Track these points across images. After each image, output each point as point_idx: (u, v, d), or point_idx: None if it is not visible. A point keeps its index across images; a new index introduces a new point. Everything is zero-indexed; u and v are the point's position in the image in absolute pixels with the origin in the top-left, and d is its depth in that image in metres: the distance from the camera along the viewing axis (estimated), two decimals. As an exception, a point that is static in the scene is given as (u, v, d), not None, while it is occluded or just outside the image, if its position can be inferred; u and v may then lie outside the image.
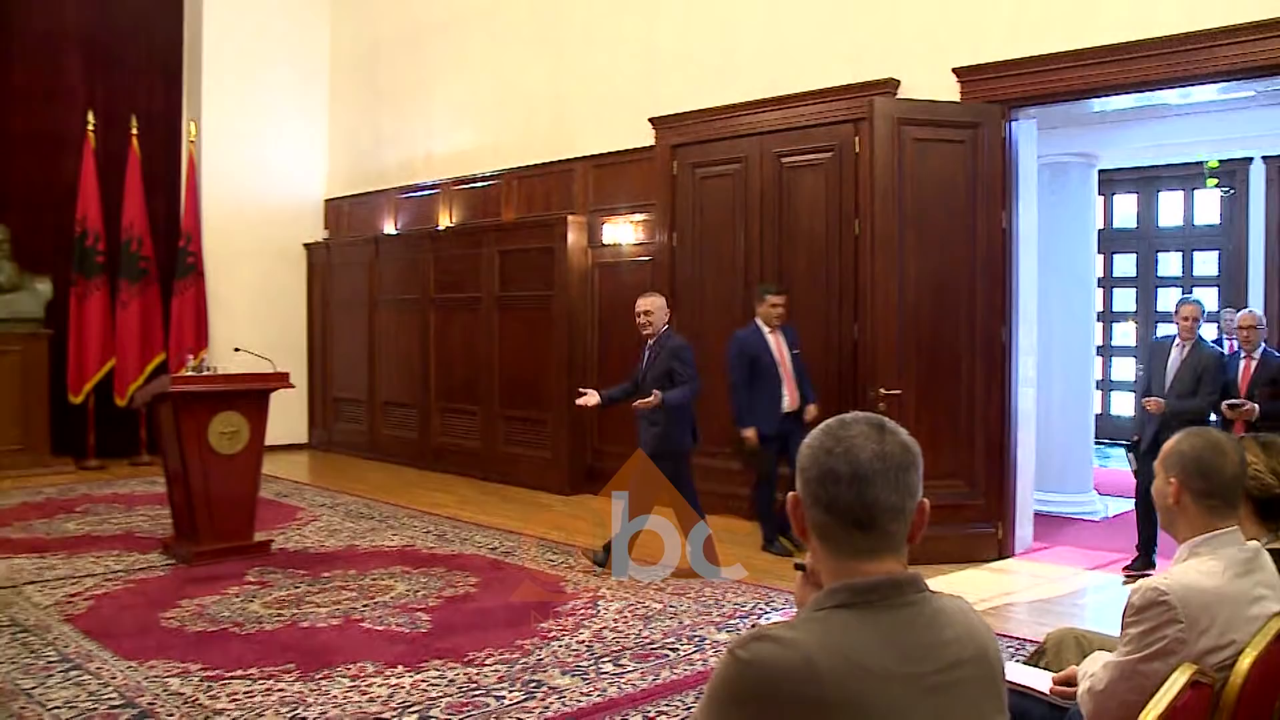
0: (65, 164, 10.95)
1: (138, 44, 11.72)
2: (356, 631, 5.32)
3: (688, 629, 5.39)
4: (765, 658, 1.55)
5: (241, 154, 12.17)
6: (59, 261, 10.84)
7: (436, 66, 11.33)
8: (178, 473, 6.87)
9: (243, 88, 12.13)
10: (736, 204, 8.41)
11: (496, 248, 10.20)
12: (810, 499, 1.69)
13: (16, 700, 4.31)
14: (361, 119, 12.42)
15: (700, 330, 8.61)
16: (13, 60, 10.89)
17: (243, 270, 12.12)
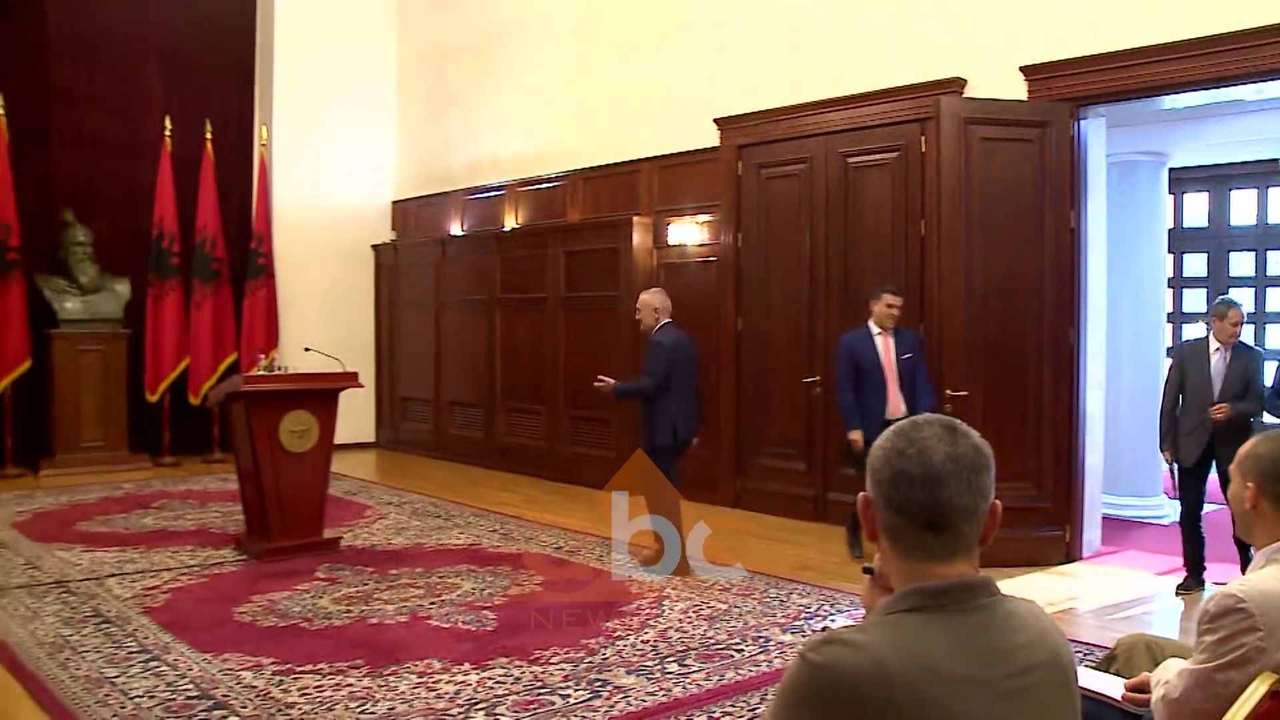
0: (144, 169, 11.18)
1: (213, 52, 11.93)
2: (424, 628, 5.37)
3: (752, 630, 5.37)
4: (836, 661, 1.54)
5: (311, 157, 12.35)
6: (137, 263, 11.07)
7: (503, 69, 11.40)
8: (249, 470, 6.98)
9: (313, 92, 12.31)
10: (802, 204, 8.37)
11: (562, 248, 10.24)
12: (882, 501, 1.68)
13: (101, 688, 4.41)
14: (429, 122, 12.53)
15: (766, 331, 8.59)
16: (97, 69, 11.15)
17: (312, 271, 12.30)
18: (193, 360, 11.22)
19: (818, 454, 8.28)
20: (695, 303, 9.17)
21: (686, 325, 9.18)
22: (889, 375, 6.91)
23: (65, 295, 10.55)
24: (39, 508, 8.60)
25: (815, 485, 8.29)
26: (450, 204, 12.08)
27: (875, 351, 6.92)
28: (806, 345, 8.34)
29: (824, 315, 8.22)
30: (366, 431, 12.68)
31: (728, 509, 8.75)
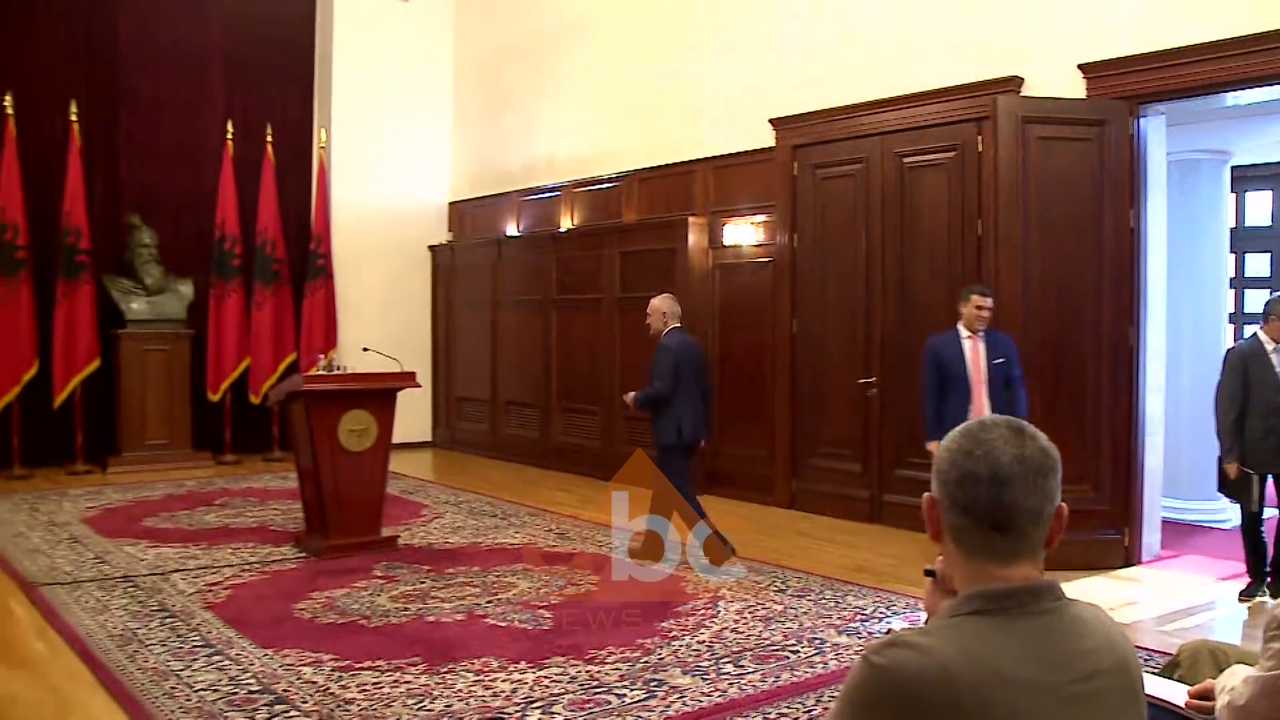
0: (207, 172, 11.35)
1: (273, 57, 12.12)
2: (480, 627, 5.40)
3: (808, 631, 5.35)
4: (900, 664, 1.53)
5: (369, 159, 12.47)
6: (200, 265, 11.25)
7: (558, 71, 11.44)
8: (309, 469, 7.05)
9: (371, 95, 12.43)
10: (857, 204, 8.33)
11: (618, 249, 10.26)
12: (948, 502, 1.66)
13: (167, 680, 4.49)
14: (485, 123, 12.60)
15: (821, 332, 8.55)
16: (163, 77, 11.36)
17: (370, 272, 12.41)
18: (253, 360, 11.38)
19: (873, 455, 8.23)
20: (750, 304, 9.16)
21: (741, 326, 9.22)
22: (976, 381, 6.52)
23: (131, 296, 10.75)
24: (107, 503, 8.77)
25: (871, 486, 8.24)
26: (506, 205, 12.14)
27: (962, 356, 6.54)
28: (862, 346, 8.29)
29: (880, 316, 8.17)
30: (423, 431, 12.78)
31: (783, 510, 8.72)
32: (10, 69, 10.41)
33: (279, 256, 11.53)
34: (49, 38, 10.73)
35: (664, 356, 6.87)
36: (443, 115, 13.10)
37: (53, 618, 5.53)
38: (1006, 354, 6.54)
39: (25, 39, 10.61)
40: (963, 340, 6.57)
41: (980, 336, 6.56)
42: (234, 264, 11.25)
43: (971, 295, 6.56)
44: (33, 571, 6.49)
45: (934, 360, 6.61)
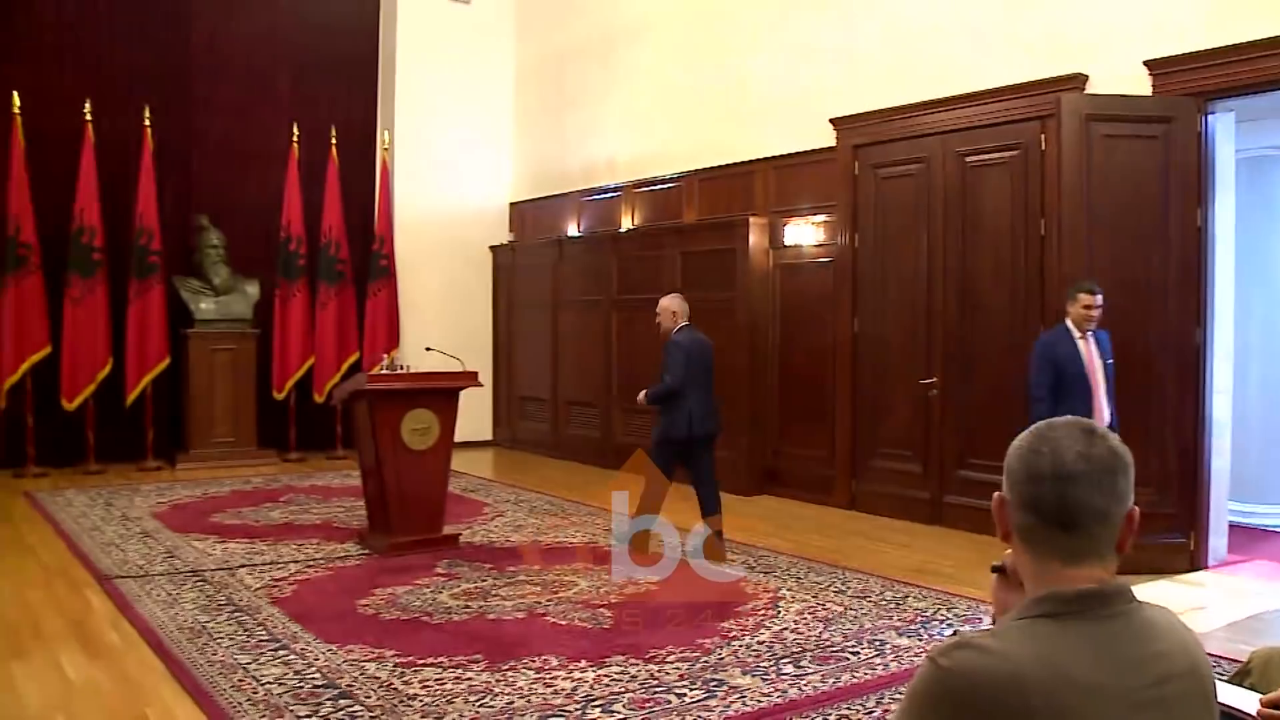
0: (273, 174, 11.53)
1: (338, 61, 12.29)
2: (541, 625, 5.43)
3: (868, 632, 5.32)
4: (967, 666, 1.51)
5: (431, 160, 12.59)
6: (265, 265, 11.42)
7: (619, 72, 11.47)
8: (372, 467, 7.12)
9: (433, 98, 12.56)
10: (919, 204, 8.26)
11: (678, 249, 10.26)
12: (1015, 500, 1.65)
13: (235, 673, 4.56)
14: (546, 124, 12.66)
15: (882, 332, 8.50)
16: (231, 81, 11.59)
17: (432, 272, 12.53)
18: (317, 359, 11.54)
19: (934, 456, 8.16)
20: (811, 304, 9.13)
21: (802, 326, 9.20)
22: (1095, 382, 6.24)
23: (200, 296, 10.96)
24: (176, 499, 8.94)
25: (931, 488, 8.17)
26: (567, 205, 12.20)
27: (1078, 354, 6.25)
28: (923, 346, 8.22)
29: (941, 316, 8.11)
30: (484, 430, 12.87)
31: (843, 510, 8.68)
32: (89, 77, 10.71)
33: (343, 257, 11.68)
34: (126, 46, 10.99)
35: (676, 352, 7.00)
36: (504, 117, 13.19)
37: (126, 609, 5.65)
38: (1111, 354, 6.33)
39: (104, 48, 10.89)
40: (1075, 340, 6.27)
41: (1090, 337, 6.30)
42: (299, 264, 11.41)
43: (1079, 294, 6.27)
44: (107, 564, 6.63)
45: (1049, 359, 6.27)
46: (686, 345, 7.02)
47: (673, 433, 7.00)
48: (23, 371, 10.03)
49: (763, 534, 7.75)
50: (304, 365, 11.47)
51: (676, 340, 7.07)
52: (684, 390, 6.92)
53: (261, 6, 11.83)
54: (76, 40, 10.77)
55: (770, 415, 9.52)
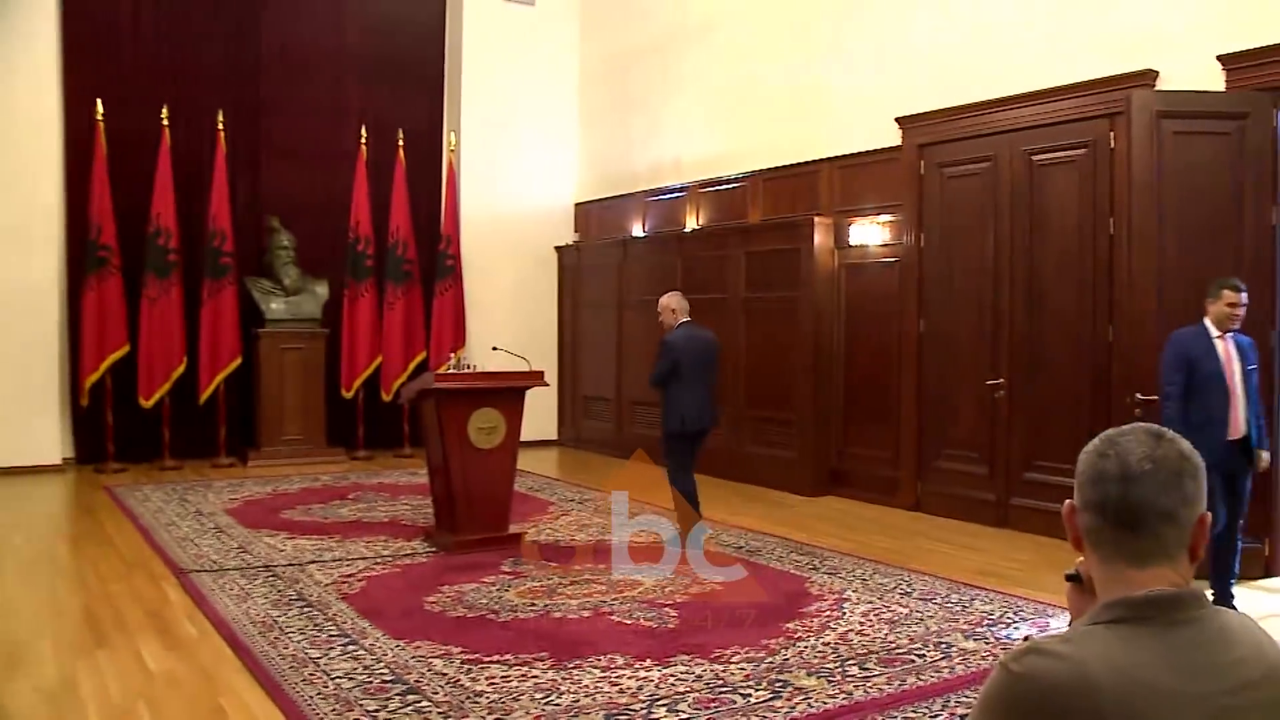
0: (341, 175, 11.71)
1: (405, 63, 12.44)
2: (606, 624, 5.46)
3: (934, 635, 5.29)
4: (1038, 671, 1.50)
5: (497, 161, 12.70)
6: (334, 266, 11.59)
7: (684, 72, 11.48)
8: (439, 465, 7.20)
9: (499, 99, 12.66)
10: (985, 203, 8.19)
11: (743, 249, 10.26)
12: (1082, 503, 1.65)
13: (306, 667, 4.65)
14: (611, 125, 12.71)
15: (948, 332, 8.43)
16: (300, 84, 11.80)
17: (497, 272, 12.63)
18: (385, 358, 11.67)
19: (1001, 458, 8.09)
20: (876, 304, 9.08)
21: (867, 326, 9.15)
22: (1233, 386, 5.81)
23: (271, 296, 11.15)
24: (248, 495, 9.11)
25: (998, 490, 8.10)
26: (632, 206, 12.24)
27: (1215, 356, 5.81)
28: (990, 347, 8.15)
29: (1008, 316, 8.03)
30: (549, 429, 12.94)
31: (908, 512, 8.63)
32: (166, 83, 10.97)
33: (410, 257, 11.81)
34: (199, 52, 11.25)
35: (666, 352, 7.27)
36: (569, 117, 13.26)
37: (201, 602, 5.78)
38: (1254, 360, 5.93)
39: (180, 55, 11.16)
40: (1213, 339, 5.85)
41: (1229, 338, 5.88)
42: (367, 265, 11.56)
43: (1223, 290, 5.83)
44: (183, 558, 6.79)
45: (1184, 358, 5.82)
46: (680, 343, 7.25)
47: (669, 427, 7.30)
48: (103, 370, 10.31)
49: (827, 535, 7.73)
50: (372, 364, 11.62)
51: (668, 339, 7.33)
52: (678, 385, 7.19)
53: (329, 10, 12.01)
54: (154, 48, 11.03)
55: (835, 416, 9.49)
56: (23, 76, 10.27)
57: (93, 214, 10.28)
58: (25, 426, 10.27)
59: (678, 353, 7.22)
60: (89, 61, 10.70)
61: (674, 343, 7.27)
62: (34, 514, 8.70)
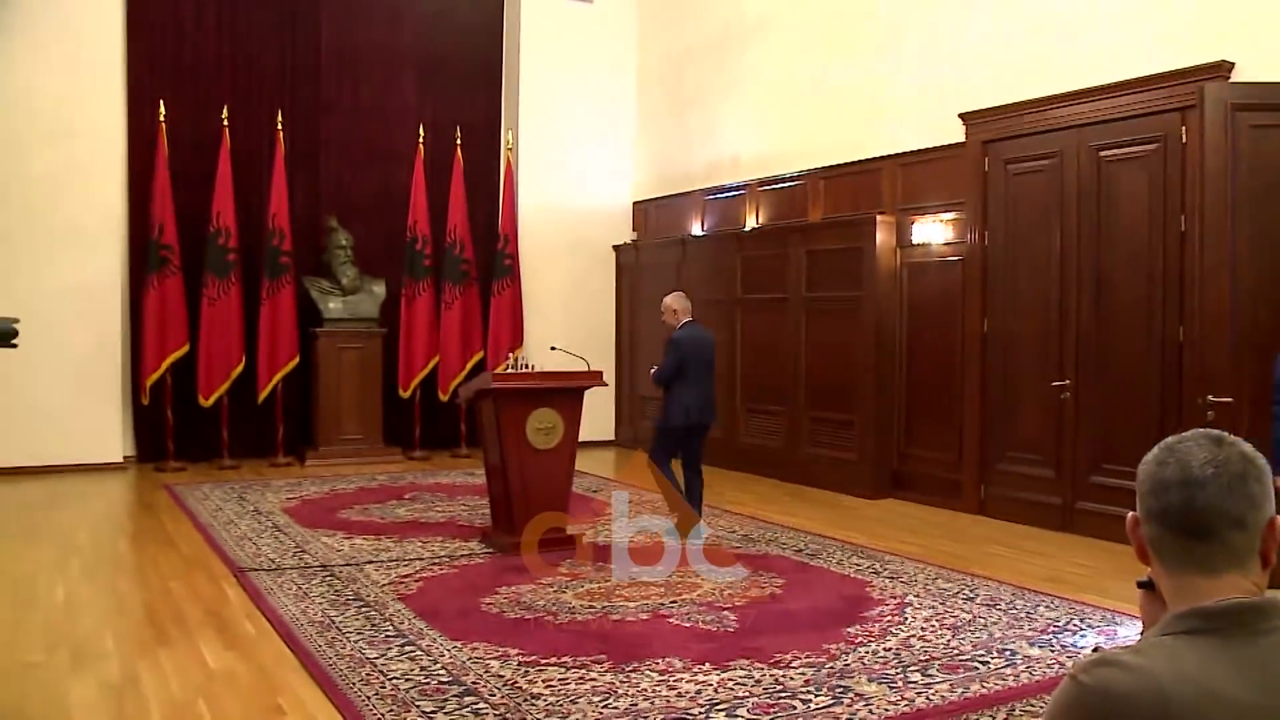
0: (398, 175, 11.83)
1: (462, 61, 12.55)
2: (665, 627, 5.45)
3: (998, 642, 5.22)
4: (1109, 683, 1.47)
5: (555, 160, 12.74)
6: (391, 265, 11.70)
7: (743, 68, 11.45)
8: (497, 466, 7.23)
9: (556, 97, 12.71)
10: (1051, 201, 8.07)
11: (803, 248, 10.20)
12: (1145, 514, 1.62)
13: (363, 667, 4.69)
14: (669, 123, 12.70)
15: (1013, 332, 8.33)
16: (358, 82, 11.93)
17: (555, 271, 12.68)
18: (442, 358, 11.75)
19: (1066, 461, 7.97)
20: (939, 303, 9.00)
21: (929, 326, 9.08)
22: None
23: (329, 296, 11.26)
24: (305, 495, 9.21)
25: (1064, 493, 7.98)
26: (690, 204, 12.22)
27: None
28: (1056, 347, 8.03)
29: (1074, 316, 7.91)
30: (607, 430, 12.96)
31: (972, 515, 8.53)
32: (227, 84, 11.17)
33: (467, 257, 11.88)
34: (259, 52, 11.42)
35: (673, 350, 7.59)
36: (627, 115, 13.28)
37: (260, 601, 5.85)
38: None
39: (240, 54, 11.33)
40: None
41: None
42: (424, 264, 11.63)
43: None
44: (242, 557, 6.88)
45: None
46: (685, 342, 7.57)
47: (672, 422, 7.59)
48: (164, 369, 10.47)
49: (888, 538, 7.67)
50: (429, 364, 11.70)
51: (675, 338, 7.64)
52: (682, 382, 7.49)
53: (387, 10, 12.12)
54: (215, 49, 11.21)
55: (896, 417, 9.41)
56: (87, 78, 10.46)
57: (155, 214, 10.46)
58: (88, 425, 10.48)
59: (684, 351, 7.55)
60: (152, 63, 10.90)
61: (680, 341, 7.59)
62: (97, 512, 8.87)
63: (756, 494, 9.55)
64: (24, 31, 10.18)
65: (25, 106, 10.16)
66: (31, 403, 10.14)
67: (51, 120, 10.26)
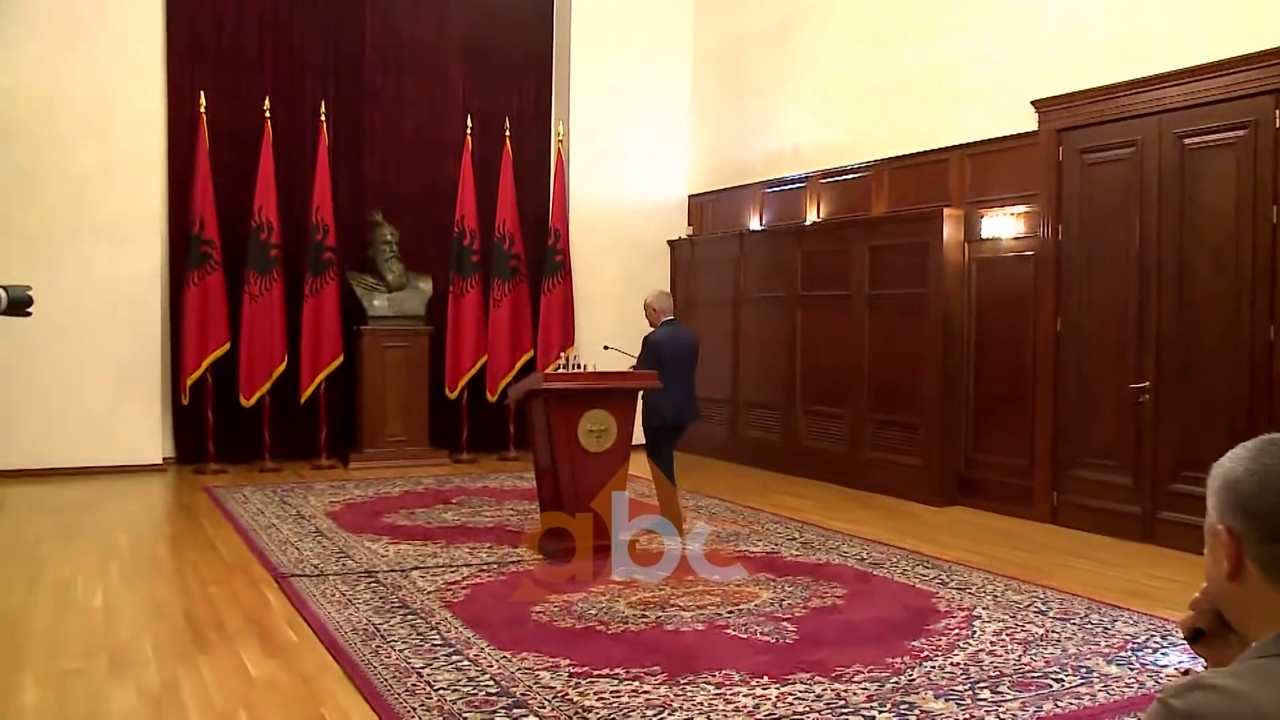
0: (446, 168, 11.89)
1: (511, 51, 12.58)
2: (721, 638, 5.45)
3: (1073, 659, 5.16)
4: (1206, 709, 1.41)
5: (607, 152, 12.76)
6: (438, 261, 11.76)
7: (803, 56, 11.40)
8: (547, 469, 7.26)
9: (608, 87, 12.72)
10: (1130, 191, 7.96)
11: (866, 243, 10.15)
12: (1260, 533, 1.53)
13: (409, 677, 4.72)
14: (725, 113, 12.68)
15: (1088, 331, 8.23)
16: (404, 73, 12.02)
17: (608, 267, 12.67)
18: (490, 357, 11.77)
19: (1145, 468, 7.86)
20: (1010, 301, 8.90)
21: (999, 325, 8.99)
22: None
23: (374, 293, 11.34)
24: (349, 498, 9.29)
25: (1142, 502, 7.87)
26: (748, 197, 12.19)
27: None
28: (1134, 347, 7.92)
29: (1155, 314, 7.79)
30: (659, 432, 12.91)
31: (1043, 524, 8.43)
32: (269, 75, 11.30)
33: (517, 252, 11.90)
34: (302, 42, 11.54)
35: (648, 351, 7.85)
36: (682, 106, 13.26)
37: (302, 608, 5.91)
38: None
39: (282, 44, 11.46)
40: None
41: None
42: (472, 260, 11.66)
43: None
44: (284, 562, 6.96)
45: None
46: (662, 342, 7.87)
47: (652, 423, 7.89)
48: (204, 368, 10.59)
49: (956, 547, 7.60)
50: (477, 364, 11.73)
51: (649, 338, 7.96)
52: (665, 381, 7.54)
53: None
54: (257, 40, 11.36)
55: (964, 420, 9.32)
56: (127, 71, 10.62)
57: (195, 208, 10.58)
58: (127, 425, 10.64)
59: (660, 350, 7.78)
60: (192, 55, 11.04)
61: (655, 341, 7.88)
62: (135, 514, 9.01)
63: (816, 500, 9.52)
64: (61, 22, 10.35)
65: (63, 100, 10.33)
66: (70, 403, 10.31)
67: (90, 114, 10.43)
